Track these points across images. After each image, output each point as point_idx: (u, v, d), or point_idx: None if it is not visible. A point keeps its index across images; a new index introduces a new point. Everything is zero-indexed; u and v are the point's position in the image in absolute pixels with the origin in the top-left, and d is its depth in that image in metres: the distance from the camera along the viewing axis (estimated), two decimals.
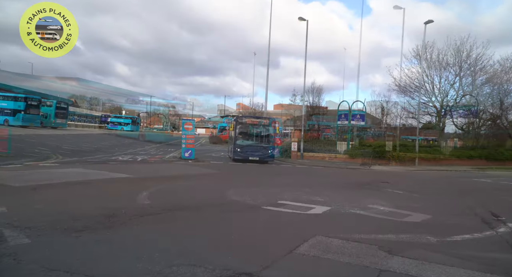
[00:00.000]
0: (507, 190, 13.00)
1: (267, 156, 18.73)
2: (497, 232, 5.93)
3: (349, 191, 10.34)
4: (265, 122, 19.55)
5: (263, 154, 18.56)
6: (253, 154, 18.21)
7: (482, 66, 29.65)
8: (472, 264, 4.26)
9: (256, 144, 18.69)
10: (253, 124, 19.25)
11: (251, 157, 18.05)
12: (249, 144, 18.55)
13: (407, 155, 22.47)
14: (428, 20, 23.13)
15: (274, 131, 19.64)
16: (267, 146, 18.96)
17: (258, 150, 18.47)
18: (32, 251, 3.99)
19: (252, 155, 18.18)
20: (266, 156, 18.63)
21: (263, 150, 18.65)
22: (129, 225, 5.27)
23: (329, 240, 4.97)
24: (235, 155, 18.21)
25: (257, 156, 18.26)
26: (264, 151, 18.62)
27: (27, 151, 16.29)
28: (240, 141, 18.54)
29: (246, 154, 18.15)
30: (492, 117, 33.12)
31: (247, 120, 19.66)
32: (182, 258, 3.94)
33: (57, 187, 8.25)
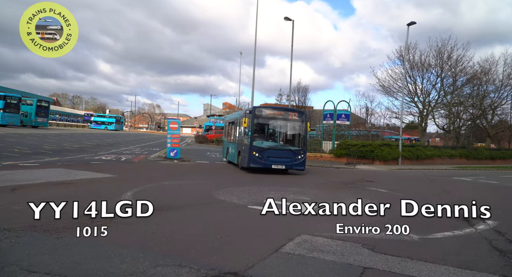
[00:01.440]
0: (486, 189, 13.39)
1: (297, 163, 13.71)
2: (476, 229, 6.10)
3: (334, 190, 10.45)
4: (294, 116, 14.26)
5: (292, 160, 13.57)
6: (277, 161, 13.40)
7: (462, 67, 30.56)
8: (453, 260, 4.36)
9: (282, 147, 13.79)
10: (277, 118, 14.19)
11: (274, 165, 13.31)
12: (272, 147, 13.57)
13: (390, 154, 22.86)
14: (411, 21, 23.56)
15: (306, 129, 14.08)
16: (298, 150, 13.80)
17: (285, 155, 13.55)
18: (12, 253, 3.87)
19: (276, 162, 13.37)
20: (295, 163, 13.67)
21: (291, 155, 13.60)
22: (112, 225, 5.18)
23: (314, 238, 5.01)
24: (252, 162, 13.31)
25: (283, 163, 13.46)
26: (293, 157, 13.60)
27: (6, 150, 15.83)
28: (259, 142, 13.50)
29: (268, 160, 13.28)
30: (472, 117, 34.08)
31: (269, 112, 14.24)
32: (167, 259, 3.90)
33: (37, 188, 8.05)
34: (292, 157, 13.54)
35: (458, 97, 31.90)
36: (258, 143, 13.46)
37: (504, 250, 4.93)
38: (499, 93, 32.85)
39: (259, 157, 13.23)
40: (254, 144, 13.37)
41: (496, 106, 33.73)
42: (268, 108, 15.61)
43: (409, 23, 23.56)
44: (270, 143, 13.73)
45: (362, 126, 37.14)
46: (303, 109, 17.12)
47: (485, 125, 35.02)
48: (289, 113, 14.44)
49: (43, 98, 49.53)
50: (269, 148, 13.43)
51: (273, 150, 13.48)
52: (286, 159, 13.49)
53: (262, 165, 13.23)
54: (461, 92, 32.07)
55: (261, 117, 13.78)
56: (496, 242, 5.34)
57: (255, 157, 13.25)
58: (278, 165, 13.36)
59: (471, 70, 31.13)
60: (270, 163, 13.27)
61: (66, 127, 57.85)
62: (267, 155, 13.31)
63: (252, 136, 13.45)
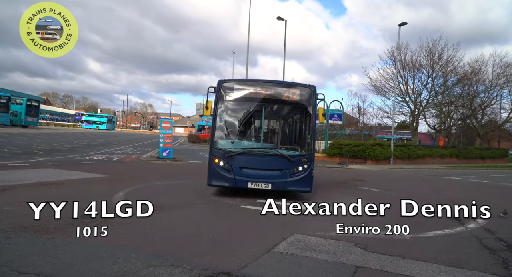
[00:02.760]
0: (476, 188, 13.58)
1: (296, 180, 7.75)
2: (467, 228, 6.19)
3: (327, 189, 10.50)
4: (291, 94, 8.11)
5: (286, 175, 7.69)
6: (259, 175, 7.67)
7: (453, 68, 30.96)
8: (444, 259, 4.42)
9: (268, 150, 7.97)
10: (261, 98, 8.10)
11: (252, 184, 7.61)
12: (248, 150, 7.88)
13: (382, 153, 23.05)
14: (402, 22, 23.77)
15: (314, 118, 8.03)
16: (298, 155, 7.94)
17: (272, 166, 7.74)
18: (1, 254, 3.82)
19: (256, 177, 7.65)
20: (292, 180, 7.72)
21: (285, 165, 7.72)
22: (103, 226, 5.13)
23: (307, 238, 5.03)
24: (214, 177, 7.83)
25: (268, 180, 7.64)
26: (288, 168, 7.72)
27: None
28: (227, 143, 8.02)
29: (242, 175, 7.66)
30: (462, 117, 34.54)
31: (247, 89, 8.19)
32: (160, 259, 3.88)
33: (28, 188, 7.94)
34: (287, 169, 7.64)
35: (449, 97, 32.32)
36: (225, 144, 7.93)
37: (494, 249, 5.00)
38: (488, 93, 33.39)
39: (225, 169, 7.66)
40: (218, 145, 7.90)
41: (486, 106, 34.25)
42: (246, 82, 8.94)
43: (401, 23, 23.77)
44: (246, 144, 8.05)
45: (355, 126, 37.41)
46: None
47: (475, 125, 35.53)
48: (283, 89, 8.04)
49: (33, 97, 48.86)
50: (243, 153, 7.68)
51: (250, 156, 7.72)
52: (275, 172, 7.64)
53: (231, 184, 7.62)
54: (452, 92, 32.54)
55: (232, 97, 8.05)
56: (486, 240, 5.42)
57: (218, 169, 7.70)
58: (259, 182, 7.57)
59: (462, 71, 31.61)
60: (245, 180, 7.57)
61: (57, 126, 57.17)
62: (239, 165, 7.62)
63: (214, 131, 8.02)
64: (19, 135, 26.90)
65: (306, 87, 8.10)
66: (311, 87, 8.03)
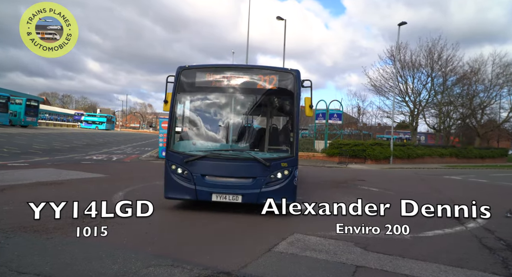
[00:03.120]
0: (476, 188, 13.59)
1: (274, 189, 6.06)
2: (466, 228, 6.19)
3: (327, 189, 10.50)
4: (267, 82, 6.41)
5: (260, 184, 6.07)
6: (226, 185, 6.09)
7: (452, 67, 30.97)
8: (443, 258, 4.42)
9: (237, 154, 6.30)
10: (229, 86, 6.50)
11: (217, 196, 6.07)
12: (212, 154, 6.27)
13: (382, 153, 23.05)
14: (402, 22, 23.77)
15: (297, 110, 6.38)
16: (276, 159, 6.22)
17: (243, 173, 6.16)
18: (1, 254, 3.81)
19: (223, 187, 6.08)
20: (268, 190, 6.02)
21: (260, 171, 6.08)
22: (103, 226, 5.13)
23: (307, 237, 5.03)
24: (170, 188, 6.34)
25: (238, 190, 6.06)
26: (263, 175, 6.08)
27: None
28: (186, 144, 6.56)
29: (205, 185, 6.10)
30: (462, 117, 34.56)
31: (212, 75, 6.52)
32: (160, 259, 3.88)
33: (27, 188, 7.93)
34: (262, 176, 6.06)
35: (448, 97, 32.33)
36: (184, 147, 6.43)
37: (493, 248, 5.00)
38: (488, 92, 33.40)
39: (184, 178, 6.16)
40: (176, 148, 6.39)
41: (485, 105, 34.27)
42: (212, 68, 6.76)
43: (400, 23, 23.78)
44: (211, 145, 6.46)
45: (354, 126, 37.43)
46: None
47: (475, 125, 35.57)
48: (258, 75, 6.44)
49: (33, 97, 48.76)
50: (206, 157, 6.15)
51: (215, 160, 6.18)
52: (247, 180, 6.10)
53: (191, 196, 6.13)
54: (451, 92, 32.54)
55: (194, 87, 6.56)
56: (486, 240, 5.42)
57: (175, 178, 6.20)
58: (226, 194, 6.03)
59: (461, 70, 31.62)
60: (209, 191, 6.05)
61: (56, 126, 57.07)
62: (202, 173, 6.12)
63: (171, 130, 6.42)
64: (18, 135, 26.86)
65: (287, 72, 6.43)
66: (293, 72, 6.36)
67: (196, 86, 6.59)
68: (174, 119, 6.45)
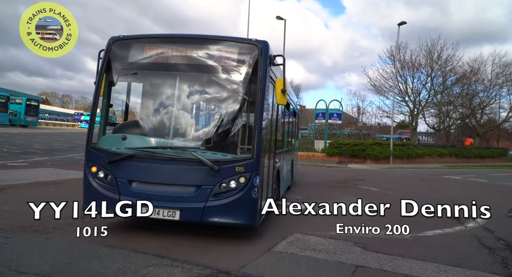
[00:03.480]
0: (475, 187, 13.60)
1: (223, 205, 4.39)
2: (466, 227, 6.19)
3: (326, 189, 10.51)
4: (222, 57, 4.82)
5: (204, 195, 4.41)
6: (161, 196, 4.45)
7: (452, 67, 30.95)
8: (443, 258, 4.42)
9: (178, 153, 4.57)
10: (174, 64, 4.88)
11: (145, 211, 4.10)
12: (145, 152, 4.62)
13: (382, 153, 23.06)
14: (402, 21, 23.79)
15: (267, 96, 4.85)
16: (226, 160, 4.52)
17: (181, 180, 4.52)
18: (0, 254, 3.81)
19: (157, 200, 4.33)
20: (216, 205, 4.40)
21: (203, 177, 4.42)
22: (102, 225, 5.12)
23: (306, 237, 5.03)
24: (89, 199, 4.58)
25: (177, 204, 4.43)
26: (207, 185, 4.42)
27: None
28: (113, 140, 5.02)
29: (132, 194, 4.49)
30: (461, 117, 34.57)
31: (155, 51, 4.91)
32: (159, 258, 3.88)
33: (27, 188, 7.93)
34: (208, 185, 4.46)
35: (448, 97, 32.33)
36: (109, 142, 5.04)
37: (493, 248, 5.00)
38: (487, 92, 33.40)
39: (106, 184, 4.76)
40: (98, 144, 5.09)
41: (485, 105, 34.28)
42: (151, 38, 5.25)
43: (400, 23, 23.79)
44: (143, 141, 4.85)
45: (354, 125, 37.43)
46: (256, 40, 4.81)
47: (474, 124, 35.58)
48: (211, 48, 4.86)
49: (33, 97, 48.70)
50: (135, 157, 4.64)
51: (146, 162, 4.60)
52: (187, 190, 4.55)
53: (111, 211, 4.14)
54: (451, 92, 32.53)
55: (127, 63, 5.07)
56: (486, 239, 5.42)
57: (95, 184, 4.86)
58: (160, 208, 4.43)
59: (461, 70, 31.61)
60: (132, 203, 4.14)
61: (56, 126, 56.98)
62: (129, 178, 4.66)
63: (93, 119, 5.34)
64: (18, 134, 26.85)
65: (250, 44, 4.78)
66: (259, 44, 4.72)
67: (130, 63, 5.01)
68: (98, 106, 5.11)
